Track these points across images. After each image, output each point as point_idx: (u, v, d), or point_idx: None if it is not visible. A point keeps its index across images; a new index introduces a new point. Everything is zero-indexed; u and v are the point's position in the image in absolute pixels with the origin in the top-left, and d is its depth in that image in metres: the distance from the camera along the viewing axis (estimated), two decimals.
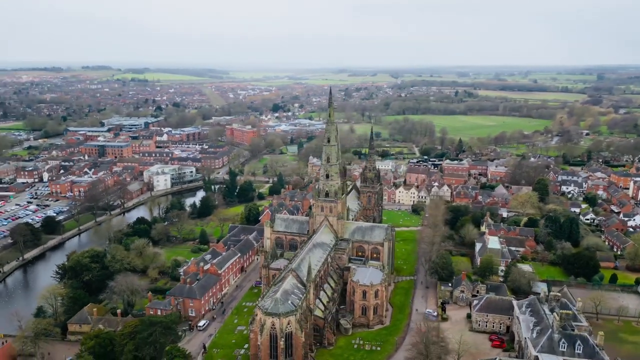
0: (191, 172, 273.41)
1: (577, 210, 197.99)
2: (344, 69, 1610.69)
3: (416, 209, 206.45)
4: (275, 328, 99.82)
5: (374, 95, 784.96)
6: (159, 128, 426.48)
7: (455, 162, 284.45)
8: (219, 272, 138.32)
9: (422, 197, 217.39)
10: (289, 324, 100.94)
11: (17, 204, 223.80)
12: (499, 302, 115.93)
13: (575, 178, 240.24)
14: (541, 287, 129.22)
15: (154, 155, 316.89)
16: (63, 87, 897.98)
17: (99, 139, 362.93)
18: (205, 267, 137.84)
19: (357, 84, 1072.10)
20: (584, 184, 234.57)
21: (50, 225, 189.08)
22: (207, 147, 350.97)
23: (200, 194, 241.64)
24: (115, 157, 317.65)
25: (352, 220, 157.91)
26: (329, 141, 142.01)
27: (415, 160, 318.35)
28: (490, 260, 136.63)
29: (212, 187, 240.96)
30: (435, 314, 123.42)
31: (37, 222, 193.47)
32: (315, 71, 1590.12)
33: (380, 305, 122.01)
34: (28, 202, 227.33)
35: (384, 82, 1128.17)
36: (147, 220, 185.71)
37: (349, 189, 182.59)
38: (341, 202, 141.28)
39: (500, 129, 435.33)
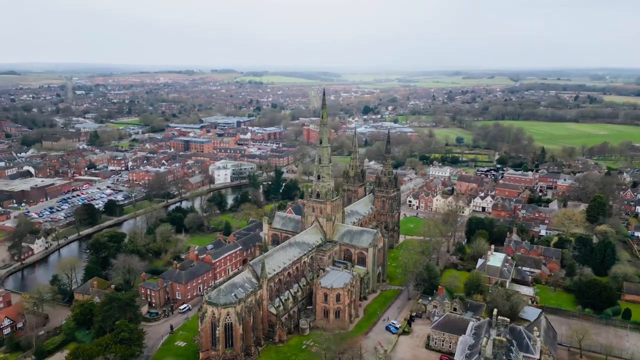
0: (252, 168, 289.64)
1: None
2: (459, 72, 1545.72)
3: (447, 219, 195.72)
4: (215, 317, 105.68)
5: (477, 98, 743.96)
6: (247, 127, 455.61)
7: (519, 172, 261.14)
8: (213, 261, 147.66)
9: (459, 207, 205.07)
10: (228, 314, 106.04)
11: (98, 188, 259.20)
12: (457, 321, 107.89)
13: None
14: (531, 313, 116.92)
15: (228, 151, 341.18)
16: (188, 87, 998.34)
17: (190, 135, 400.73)
18: (201, 256, 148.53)
19: (469, 87, 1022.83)
20: None
21: (111, 208, 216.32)
22: (280, 145, 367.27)
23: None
24: (197, 151, 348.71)
25: (356, 224, 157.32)
26: (321, 142, 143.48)
27: (485, 169, 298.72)
28: (477, 278, 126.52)
29: (261, 184, 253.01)
30: (398, 326, 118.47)
31: (103, 204, 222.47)
32: (429, 74, 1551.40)
33: (342, 310, 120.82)
34: (107, 187, 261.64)
35: (499, 85, 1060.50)
36: (183, 209, 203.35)
37: (369, 192, 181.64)
38: (330, 204, 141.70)
39: (609, 139, 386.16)
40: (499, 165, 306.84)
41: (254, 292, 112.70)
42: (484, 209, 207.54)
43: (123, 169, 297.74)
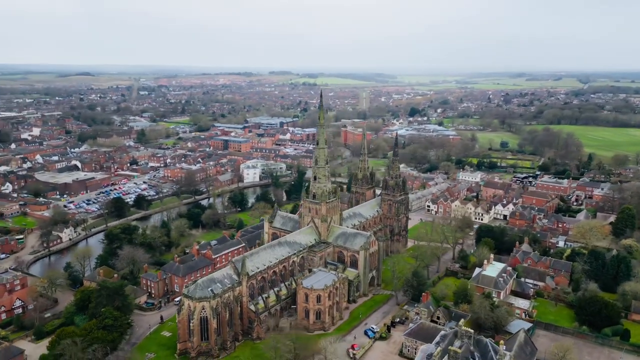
0: (281, 168, 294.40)
1: None
2: (523, 73, 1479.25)
3: (462, 226, 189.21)
4: (190, 310, 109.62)
5: (536, 101, 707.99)
6: (288, 128, 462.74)
7: (554, 180, 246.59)
8: (214, 257, 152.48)
9: (478, 214, 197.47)
10: (203, 308, 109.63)
11: (135, 183, 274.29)
12: (430, 330, 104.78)
13: None
14: (519, 327, 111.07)
15: (264, 151, 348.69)
16: (244, 89, 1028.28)
17: (231, 134, 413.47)
18: (203, 251, 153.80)
19: (531, 89, 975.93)
20: None
21: (139, 202, 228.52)
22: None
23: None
24: (234, 150, 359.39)
25: (358, 226, 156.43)
26: (317, 144, 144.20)
27: (522, 175, 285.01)
28: (465, 287, 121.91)
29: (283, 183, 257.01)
30: (376, 331, 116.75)
31: (133, 199, 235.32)
32: (489, 75, 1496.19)
33: (323, 311, 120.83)
34: (144, 182, 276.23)
35: (564, 88, 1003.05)
36: (202, 205, 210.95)
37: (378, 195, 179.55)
38: (325, 205, 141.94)
39: None
40: (538, 172, 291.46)
41: (232, 289, 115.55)
42: (505, 216, 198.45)
43: (162, 165, 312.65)
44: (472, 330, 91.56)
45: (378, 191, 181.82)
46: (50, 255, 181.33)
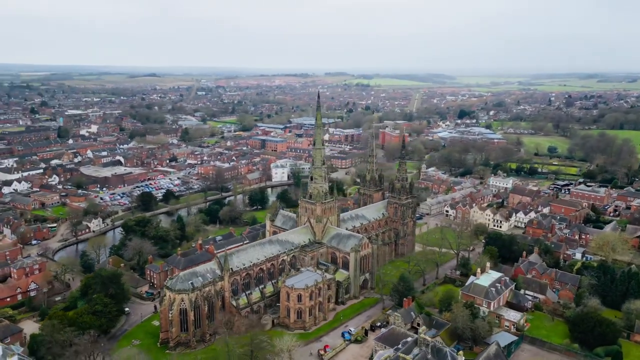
0: (309, 168, 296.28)
1: None
2: (595, 74, 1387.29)
3: (476, 232, 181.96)
4: (170, 301, 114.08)
5: (602, 104, 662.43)
6: (329, 128, 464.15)
7: (590, 188, 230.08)
8: (215, 252, 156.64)
9: (496, 222, 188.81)
10: (182, 300, 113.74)
11: (169, 179, 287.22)
12: (399, 336, 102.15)
13: None
14: (503, 340, 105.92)
15: (298, 151, 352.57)
16: (297, 90, 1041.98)
17: (271, 134, 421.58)
18: (206, 246, 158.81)
19: (600, 91, 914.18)
20: None
21: (167, 197, 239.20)
22: (351, 148, 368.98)
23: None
24: (270, 150, 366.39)
25: (359, 228, 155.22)
26: (314, 144, 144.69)
27: (563, 183, 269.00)
28: (450, 295, 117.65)
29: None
30: (353, 333, 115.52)
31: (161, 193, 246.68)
32: (556, 76, 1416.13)
33: (303, 311, 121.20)
34: (178, 178, 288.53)
35: (637, 90, 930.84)
36: (222, 202, 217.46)
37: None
38: (321, 206, 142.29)
39: None
40: (581, 180, 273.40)
41: (214, 283, 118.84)
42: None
43: (199, 163, 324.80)
44: (429, 339, 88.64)
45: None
46: (78, 244, 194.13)
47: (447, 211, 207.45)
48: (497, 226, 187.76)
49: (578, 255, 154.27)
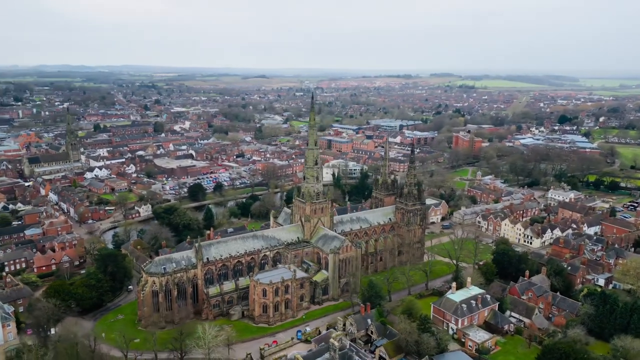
0: (355, 169, 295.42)
1: None
2: None
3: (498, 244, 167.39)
4: (144, 283, 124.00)
5: None
6: (404, 131, 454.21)
7: None
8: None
9: (527, 237, 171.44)
10: (154, 283, 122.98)
11: (229, 173, 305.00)
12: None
13: None
14: (454, 359, 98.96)
15: (361, 152, 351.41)
16: (394, 91, 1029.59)
17: (342, 135, 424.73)
18: (215, 237, 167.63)
19: None
20: None
21: (217, 189, 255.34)
22: (419, 151, 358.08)
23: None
24: (335, 150, 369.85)
25: (358, 230, 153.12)
26: (307, 144, 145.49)
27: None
28: (410, 307, 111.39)
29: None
30: (305, 332, 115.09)
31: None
32: None
33: (268, 306, 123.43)
34: (237, 173, 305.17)
35: None
36: (257, 197, 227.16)
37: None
38: (310, 206, 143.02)
39: None
40: None
41: (187, 270, 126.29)
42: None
43: (262, 159, 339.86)
44: (337, 344, 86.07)
45: None
46: (126, 226, 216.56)
47: (479, 222, 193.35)
48: (528, 242, 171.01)
49: (601, 281, 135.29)
